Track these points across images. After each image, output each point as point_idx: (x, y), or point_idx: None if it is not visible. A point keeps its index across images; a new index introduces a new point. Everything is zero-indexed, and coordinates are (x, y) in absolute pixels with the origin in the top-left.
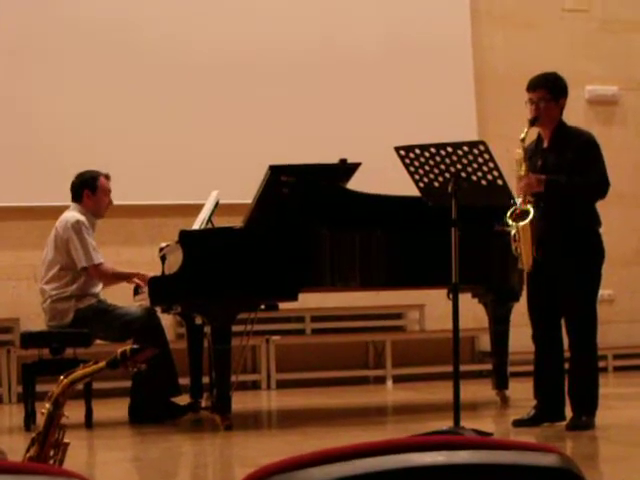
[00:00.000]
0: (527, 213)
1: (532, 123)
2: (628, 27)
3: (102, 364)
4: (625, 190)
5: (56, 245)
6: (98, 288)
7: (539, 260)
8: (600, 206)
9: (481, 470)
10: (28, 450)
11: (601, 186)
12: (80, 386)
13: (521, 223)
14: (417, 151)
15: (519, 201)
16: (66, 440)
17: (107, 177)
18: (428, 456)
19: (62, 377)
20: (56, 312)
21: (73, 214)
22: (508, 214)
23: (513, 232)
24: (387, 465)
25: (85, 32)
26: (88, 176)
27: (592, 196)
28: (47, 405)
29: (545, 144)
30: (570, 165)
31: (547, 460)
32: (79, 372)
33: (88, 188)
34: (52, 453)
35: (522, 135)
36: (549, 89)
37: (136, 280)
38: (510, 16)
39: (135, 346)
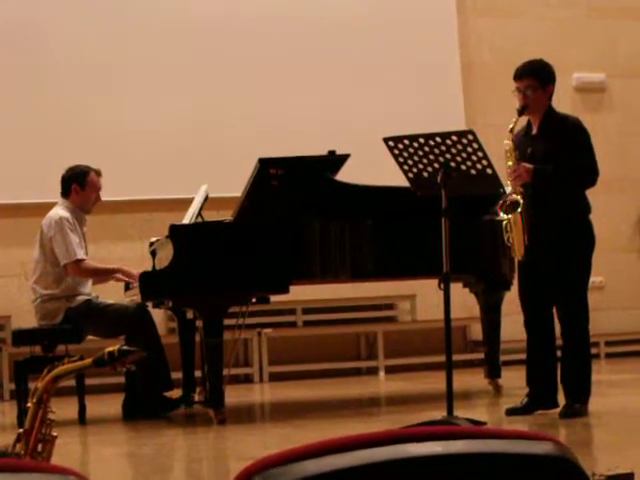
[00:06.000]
0: (517, 204)
1: (520, 112)
2: (614, 14)
3: (88, 361)
4: (613, 177)
5: (42, 244)
6: (88, 287)
7: (530, 248)
8: (589, 193)
9: (477, 459)
10: (14, 446)
11: (590, 175)
12: (72, 382)
13: (512, 215)
14: (406, 142)
15: (509, 190)
16: (54, 433)
17: (98, 173)
18: (424, 446)
19: (45, 371)
20: (46, 312)
21: (57, 211)
22: (498, 205)
23: (504, 223)
24: (383, 456)
25: (75, 28)
26: (78, 171)
27: (580, 185)
28: (32, 400)
29: (534, 131)
30: (559, 152)
31: (543, 448)
32: (64, 367)
33: (77, 183)
34: (40, 448)
35: (510, 125)
36: (536, 77)
37: (119, 276)
38: (496, 4)
39: (124, 347)
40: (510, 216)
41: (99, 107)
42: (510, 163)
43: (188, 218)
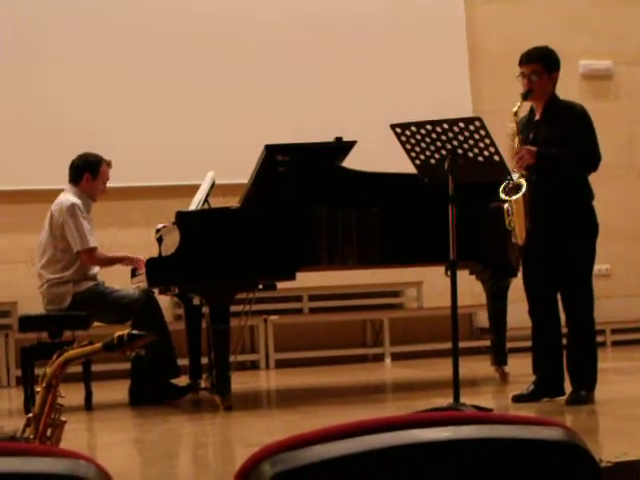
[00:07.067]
0: (520, 187)
1: (525, 97)
2: (621, 1)
3: (98, 346)
4: (619, 164)
5: (51, 229)
6: (95, 271)
7: (534, 234)
8: (593, 180)
9: (487, 445)
10: (24, 431)
11: (592, 159)
12: (79, 368)
13: (514, 197)
14: (413, 128)
15: (515, 176)
16: (63, 418)
17: (109, 165)
18: (433, 432)
19: (55, 355)
20: (54, 296)
21: (68, 197)
22: (501, 188)
23: (506, 206)
24: (392, 441)
25: (81, 14)
26: (92, 160)
27: (583, 169)
28: (42, 385)
29: (537, 116)
30: (562, 138)
31: (552, 434)
32: (74, 352)
33: (90, 172)
34: (49, 432)
35: (514, 109)
36: (542, 62)
37: (125, 264)
38: None
39: (133, 332)
40: (513, 198)
41: (105, 93)
42: (513, 145)
43: (195, 204)
